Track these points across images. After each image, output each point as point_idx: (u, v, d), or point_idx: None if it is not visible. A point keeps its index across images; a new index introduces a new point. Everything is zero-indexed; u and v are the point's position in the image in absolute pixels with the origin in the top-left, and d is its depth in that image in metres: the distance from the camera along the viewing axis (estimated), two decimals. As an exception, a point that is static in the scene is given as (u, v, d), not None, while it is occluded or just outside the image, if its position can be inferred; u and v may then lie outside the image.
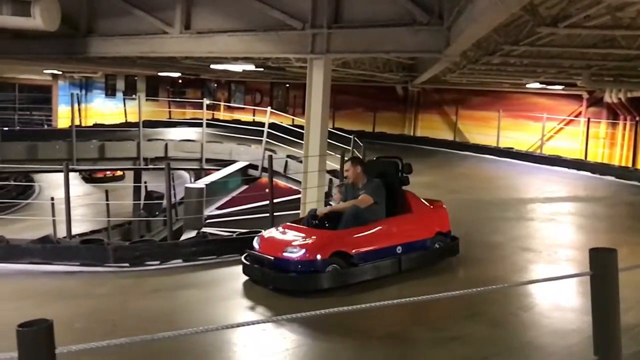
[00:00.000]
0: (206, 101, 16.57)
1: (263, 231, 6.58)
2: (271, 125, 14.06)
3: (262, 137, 13.76)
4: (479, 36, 7.11)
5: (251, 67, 15.35)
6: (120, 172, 20.32)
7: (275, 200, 8.04)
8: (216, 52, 9.67)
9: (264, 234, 6.25)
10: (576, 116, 19.08)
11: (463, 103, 21.86)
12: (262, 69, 16.61)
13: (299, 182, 10.24)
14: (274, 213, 7.68)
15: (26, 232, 9.17)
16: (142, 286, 6.13)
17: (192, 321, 5.03)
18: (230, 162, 14.30)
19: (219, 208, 12.39)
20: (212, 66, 15.72)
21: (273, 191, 8.08)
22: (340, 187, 6.64)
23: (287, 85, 25.91)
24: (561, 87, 17.33)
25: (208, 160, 15.13)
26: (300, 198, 8.90)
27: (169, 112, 25.95)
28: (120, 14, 9.60)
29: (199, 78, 26.02)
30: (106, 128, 20.63)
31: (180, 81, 28.06)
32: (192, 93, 28.89)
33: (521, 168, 15.88)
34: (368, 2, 7.68)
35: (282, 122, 14.81)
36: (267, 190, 8.43)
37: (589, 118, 17.70)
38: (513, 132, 19.61)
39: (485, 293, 5.18)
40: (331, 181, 10.07)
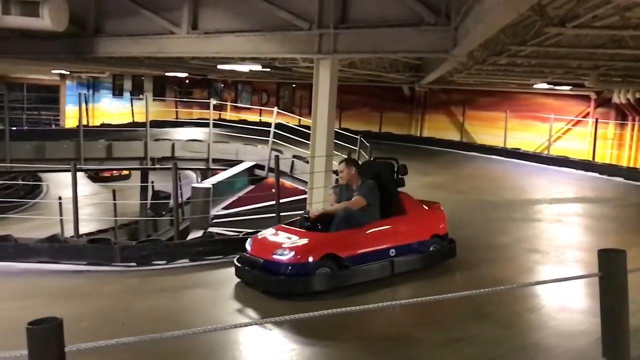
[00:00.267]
0: (213, 101, 16.61)
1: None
2: (278, 125, 14.06)
3: (269, 137, 13.77)
4: (486, 36, 7.09)
5: (258, 67, 15.37)
6: (126, 171, 20.38)
7: (281, 200, 8.05)
8: (223, 53, 9.68)
9: (257, 236, 6.17)
10: (584, 117, 18.98)
11: (470, 103, 21.79)
12: (269, 69, 16.62)
13: (305, 183, 10.24)
14: (280, 213, 7.68)
15: (34, 231, 9.20)
16: (149, 285, 6.14)
17: (199, 320, 5.04)
18: (236, 162, 14.31)
19: (226, 208, 12.42)
20: (219, 66, 15.75)
21: (279, 191, 8.08)
22: (335, 188, 6.52)
23: (294, 85, 25.93)
24: (569, 88, 17.24)
25: (215, 160, 15.16)
26: (306, 198, 8.90)
27: (176, 112, 26.03)
28: (127, 14, 9.64)
29: (206, 78, 26.08)
30: (113, 128, 20.71)
31: (187, 81, 28.14)
32: (199, 93, 28.97)
33: (528, 169, 15.82)
34: (375, 3, 7.67)
35: (289, 123, 14.81)
36: (274, 190, 8.43)
37: (597, 119, 17.59)
38: (520, 133, 19.53)
39: (492, 294, 5.16)
40: (337, 181, 10.04)
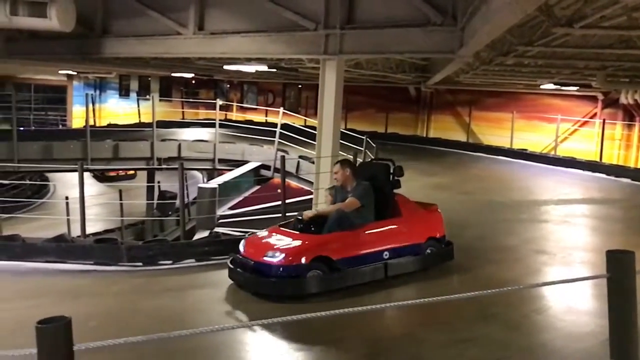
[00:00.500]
0: (219, 102, 16.66)
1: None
2: (283, 125, 14.08)
3: (275, 138, 13.79)
4: (493, 37, 7.07)
5: (264, 68, 15.39)
6: (132, 171, 20.46)
7: (287, 200, 8.06)
8: (229, 53, 9.70)
9: (250, 237, 6.14)
10: (591, 117, 18.89)
11: (476, 104, 21.74)
12: (275, 70, 16.65)
13: (311, 183, 10.25)
14: (286, 213, 7.69)
15: (41, 231, 9.25)
16: (155, 285, 6.16)
17: (204, 320, 5.06)
18: (242, 163, 14.34)
19: (232, 208, 12.45)
20: (225, 67, 15.78)
21: (285, 191, 8.09)
22: (330, 190, 6.44)
23: (300, 86, 25.95)
24: (576, 88, 17.17)
25: (221, 160, 15.20)
26: (312, 199, 8.91)
27: (182, 113, 26.12)
28: (134, 15, 9.68)
29: (212, 79, 26.14)
30: (120, 128, 20.79)
31: (193, 82, 28.22)
32: (205, 94, 29.04)
33: (535, 170, 15.77)
34: (381, 3, 7.66)
35: (295, 123, 14.82)
36: (279, 190, 8.45)
37: (604, 119, 17.50)
38: (527, 134, 19.47)
39: (498, 295, 5.16)
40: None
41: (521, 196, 12.03)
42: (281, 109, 14.75)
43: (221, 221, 10.47)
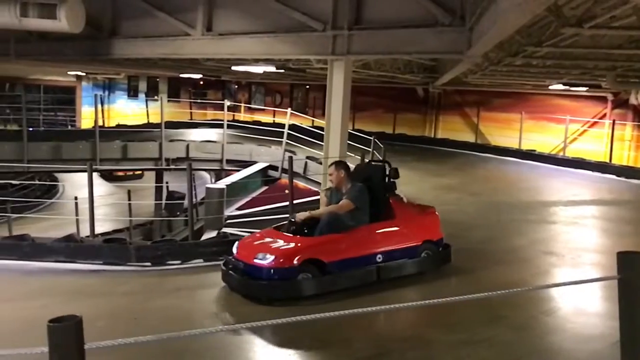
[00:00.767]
0: (227, 102, 16.69)
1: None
2: (291, 126, 14.09)
3: (282, 138, 13.80)
4: (502, 37, 7.03)
5: (272, 69, 15.41)
6: (139, 171, 20.55)
7: (295, 201, 8.05)
8: (237, 54, 9.73)
9: (243, 239, 6.09)
10: (600, 118, 18.76)
11: (484, 105, 21.66)
12: (283, 71, 16.67)
13: (319, 184, 10.24)
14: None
15: (50, 231, 9.32)
16: (164, 285, 6.19)
17: (212, 320, 5.08)
18: (250, 163, 14.36)
19: (239, 208, 12.43)
20: (233, 68, 15.81)
21: (293, 192, 8.09)
22: (326, 191, 6.38)
23: (307, 86, 25.97)
24: (585, 89, 17.06)
25: (229, 161, 15.22)
26: (319, 199, 8.88)
27: (190, 113, 26.21)
28: (143, 16, 9.72)
29: (220, 79, 26.23)
30: (129, 129, 20.88)
31: (201, 83, 28.33)
32: (213, 94, 29.13)
33: (543, 170, 15.69)
34: (389, 3, 7.65)
35: (302, 124, 14.83)
36: (287, 191, 8.44)
37: (614, 120, 17.38)
38: (535, 134, 19.38)
39: (507, 296, 5.14)
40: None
41: (530, 197, 11.98)
42: (289, 110, 14.75)
43: (229, 221, 10.46)
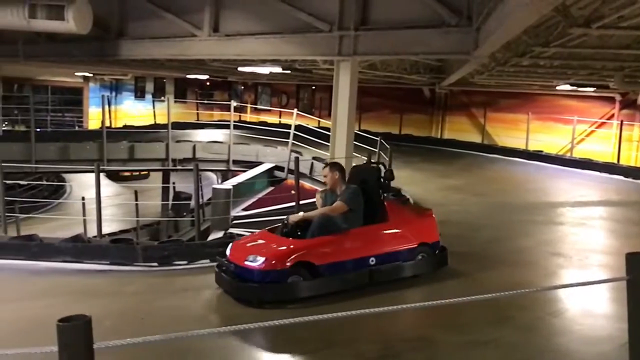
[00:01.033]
0: (233, 103, 16.71)
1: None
2: (297, 127, 14.10)
3: (288, 139, 13.81)
4: (509, 38, 7.02)
5: (278, 70, 15.42)
6: (144, 171, 20.64)
7: (301, 201, 8.06)
8: (244, 55, 9.76)
9: (237, 240, 6.06)
10: (608, 119, 18.67)
11: (491, 105, 21.59)
12: (289, 71, 16.68)
13: (325, 184, 10.21)
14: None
15: (58, 231, 9.36)
16: (170, 285, 6.21)
17: (219, 320, 5.08)
18: (256, 164, 14.38)
19: (246, 209, 12.46)
20: (240, 68, 15.85)
21: (299, 192, 8.10)
22: (321, 193, 6.29)
23: (313, 87, 25.97)
24: (593, 89, 16.96)
25: (235, 161, 15.25)
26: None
27: (197, 114, 26.25)
28: (150, 17, 9.77)
29: (227, 80, 26.27)
30: (136, 129, 20.96)
31: (208, 83, 28.39)
32: (220, 95, 29.18)
33: (551, 171, 15.63)
34: (395, 4, 7.66)
35: (308, 124, 14.84)
36: (293, 191, 8.45)
37: (622, 120, 17.29)
38: (542, 135, 19.30)
39: (513, 297, 5.13)
40: None
41: (537, 198, 11.93)
42: (295, 110, 14.77)
43: (235, 222, 10.49)
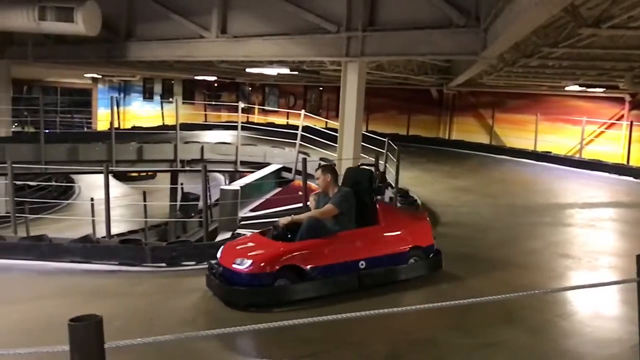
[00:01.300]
0: (241, 104, 16.75)
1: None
2: (305, 128, 14.10)
3: (296, 140, 13.82)
4: (517, 38, 6.99)
5: (285, 71, 15.44)
6: (151, 172, 20.76)
7: (308, 202, 8.05)
8: (251, 56, 9.78)
9: (227, 243, 6.05)
10: (618, 119, 18.54)
11: (499, 106, 21.49)
12: (296, 72, 16.70)
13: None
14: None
15: (67, 232, 9.42)
16: (179, 286, 6.22)
17: (226, 320, 5.09)
18: (264, 165, 14.40)
19: (253, 210, 12.48)
20: (248, 70, 15.90)
21: (306, 194, 8.10)
22: (315, 196, 6.20)
23: (321, 88, 25.97)
24: (602, 90, 16.86)
25: (243, 162, 15.28)
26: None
27: (205, 115, 26.34)
28: (158, 19, 9.82)
29: (234, 82, 26.33)
30: (144, 130, 21.02)
31: (216, 85, 28.47)
32: (227, 96, 29.24)
33: (559, 172, 15.53)
34: (403, 5, 7.66)
35: (316, 125, 14.83)
36: (301, 192, 8.46)
37: (632, 121, 17.15)
38: (551, 136, 19.18)
39: (522, 299, 5.10)
40: None
41: (545, 199, 11.86)
42: (302, 112, 14.76)
43: (243, 223, 10.51)
